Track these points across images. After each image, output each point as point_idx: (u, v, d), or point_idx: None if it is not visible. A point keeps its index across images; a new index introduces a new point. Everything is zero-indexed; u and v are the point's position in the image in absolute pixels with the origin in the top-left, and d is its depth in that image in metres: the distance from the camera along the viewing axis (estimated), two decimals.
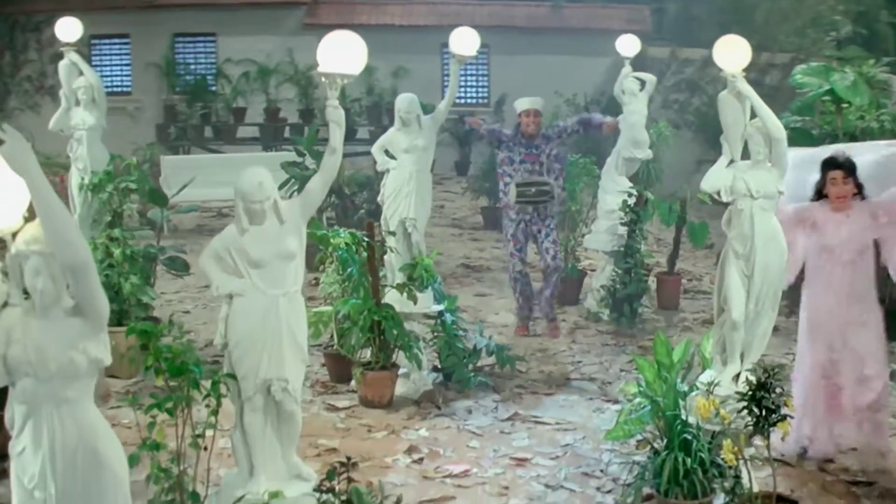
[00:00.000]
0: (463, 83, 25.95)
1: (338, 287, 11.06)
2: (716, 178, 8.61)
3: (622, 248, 13.74)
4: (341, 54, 7.45)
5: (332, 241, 10.70)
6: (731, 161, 8.60)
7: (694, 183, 16.36)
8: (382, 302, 10.67)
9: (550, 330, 13.39)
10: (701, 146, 20.88)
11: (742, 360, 8.52)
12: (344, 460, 6.53)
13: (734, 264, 8.53)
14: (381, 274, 11.00)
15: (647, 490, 8.11)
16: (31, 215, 5.35)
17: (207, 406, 7.02)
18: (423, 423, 10.28)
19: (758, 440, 7.80)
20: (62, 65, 13.62)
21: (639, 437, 8.65)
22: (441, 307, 11.44)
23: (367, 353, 10.77)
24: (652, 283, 14.60)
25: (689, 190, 14.70)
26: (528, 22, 25.58)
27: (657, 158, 15.92)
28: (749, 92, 8.38)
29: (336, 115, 7.27)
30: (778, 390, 7.56)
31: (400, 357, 10.88)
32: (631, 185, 14.18)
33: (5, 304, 5.46)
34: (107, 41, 24.07)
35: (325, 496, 6.59)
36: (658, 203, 14.22)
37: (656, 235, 16.47)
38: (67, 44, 13.76)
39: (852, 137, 13.94)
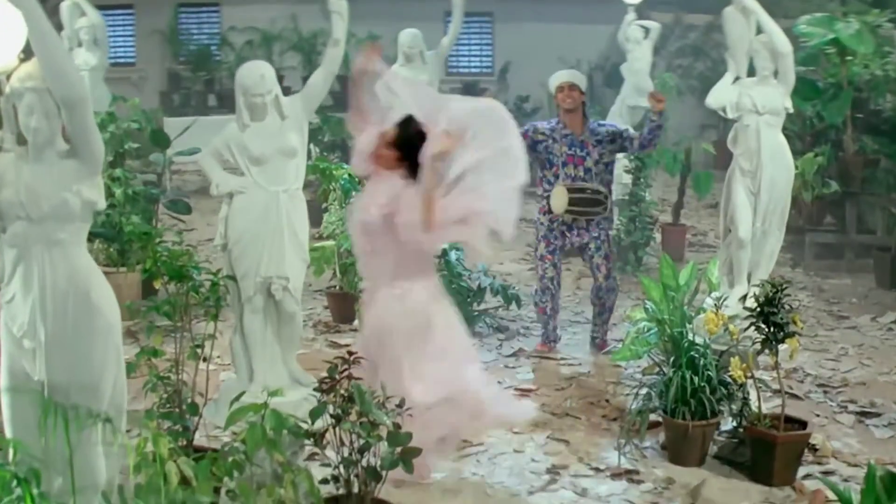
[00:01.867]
0: (466, 52, 25.83)
1: (340, 223, 11.00)
2: (721, 94, 8.60)
3: (626, 197, 13.67)
4: None
5: (334, 173, 10.64)
6: (737, 78, 8.57)
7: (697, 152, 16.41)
8: None
9: (598, 345, 10.57)
10: (705, 111, 20.71)
11: (749, 281, 8.48)
12: (345, 356, 6.45)
13: (740, 182, 8.52)
14: None
15: (652, 418, 8.05)
16: (26, 56, 5.31)
17: (207, 312, 6.95)
18: None
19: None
20: (64, 6, 13.60)
21: (646, 361, 8.58)
22: (444, 245, 11.36)
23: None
24: (657, 234, 14.53)
25: (694, 140, 14.65)
26: None
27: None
28: (754, 6, 8.36)
29: (339, 6, 7.27)
30: (787, 307, 7.51)
31: None
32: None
33: None
34: (110, 12, 24.00)
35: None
36: (663, 151, 14.12)
37: (660, 197, 16.38)
38: None
39: (857, 88, 13.92)
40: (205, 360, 6.89)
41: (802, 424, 7.72)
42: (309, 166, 9.46)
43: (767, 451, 7.40)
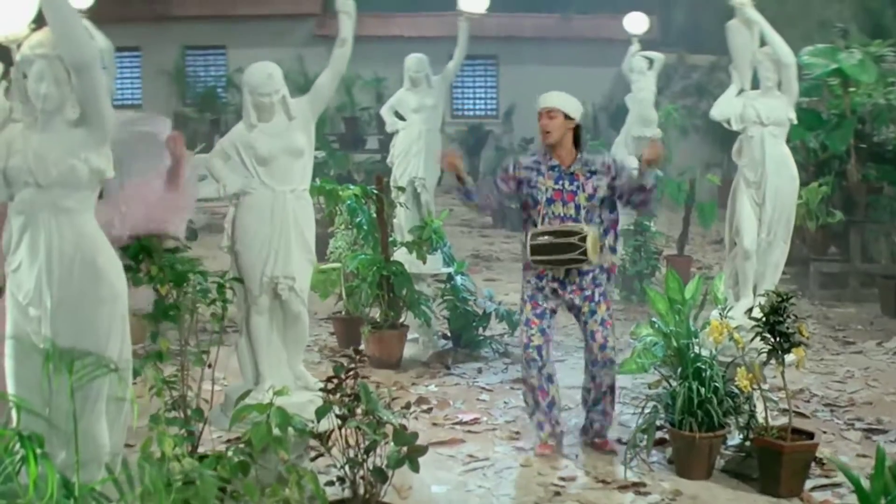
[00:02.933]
0: (471, 94, 26.05)
1: (345, 244, 11.04)
2: (726, 106, 8.62)
3: (632, 227, 13.70)
4: None
5: (341, 194, 10.68)
6: (741, 91, 8.61)
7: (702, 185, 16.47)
8: (391, 259, 10.62)
9: (600, 443, 8.41)
10: (709, 149, 20.91)
11: (754, 294, 8.47)
12: (351, 354, 6.45)
13: (745, 193, 8.53)
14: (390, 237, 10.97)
15: (658, 436, 8.03)
16: (37, 26, 5.36)
17: (213, 315, 6.93)
18: (432, 380, 10.26)
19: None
20: None
21: (651, 377, 8.55)
22: (450, 269, 11.40)
23: (375, 314, 10.73)
24: (662, 265, 14.54)
25: (699, 170, 14.73)
26: (536, 32, 25.67)
27: (665, 139, 15.93)
28: (757, 18, 8.40)
29: (346, 5, 7.30)
30: (793, 316, 7.50)
31: (409, 320, 10.83)
32: (639, 164, 14.16)
33: (7, 120, 5.45)
34: (117, 54, 24.28)
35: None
36: (667, 181, 14.17)
37: (665, 233, 16.39)
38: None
39: (860, 118, 13.99)
40: (209, 366, 6.86)
41: (809, 436, 7.69)
42: (314, 187, 9.50)
43: (774, 461, 7.35)
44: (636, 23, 15.55)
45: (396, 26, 25.86)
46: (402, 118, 11.46)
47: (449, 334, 11.39)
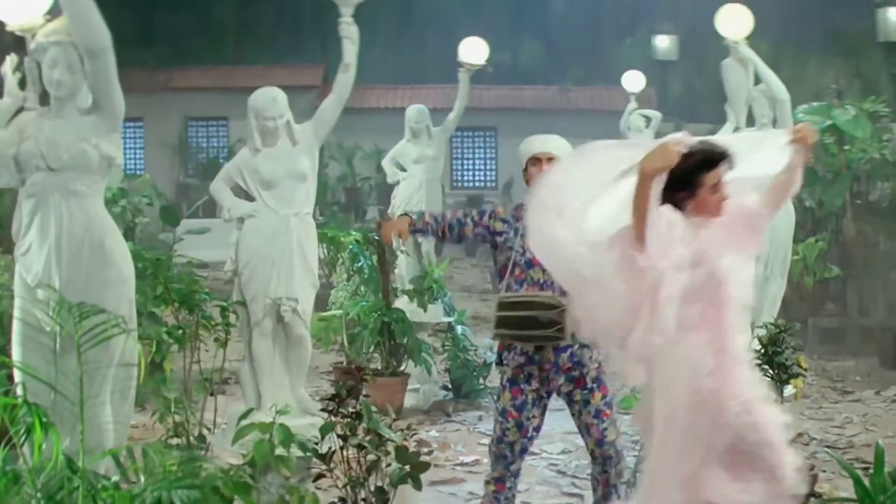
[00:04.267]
0: (471, 166, 26.28)
1: (346, 292, 11.11)
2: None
3: None
4: None
5: (343, 239, 10.78)
6: (737, 128, 8.77)
7: None
8: (393, 306, 10.68)
9: None
10: None
11: (752, 329, 8.55)
12: (353, 372, 6.50)
13: None
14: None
15: None
16: (51, 17, 5.49)
17: (216, 340, 7.02)
18: (433, 426, 10.24)
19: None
20: None
21: None
22: (451, 319, 11.46)
23: (376, 363, 10.77)
24: None
25: None
26: (535, 104, 25.98)
27: None
28: (752, 56, 8.58)
29: (349, 31, 7.41)
30: (791, 348, 7.58)
31: (410, 369, 10.87)
32: None
33: (21, 110, 5.57)
34: None
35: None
36: None
37: None
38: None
39: (856, 175, 14.16)
40: (212, 394, 6.92)
41: (808, 469, 7.71)
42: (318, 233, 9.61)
43: None
44: (633, 81, 15.77)
45: (397, 98, 26.16)
46: (403, 169, 11.60)
47: (450, 386, 11.41)
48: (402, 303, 10.90)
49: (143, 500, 4.15)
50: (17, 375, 5.41)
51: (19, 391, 4.97)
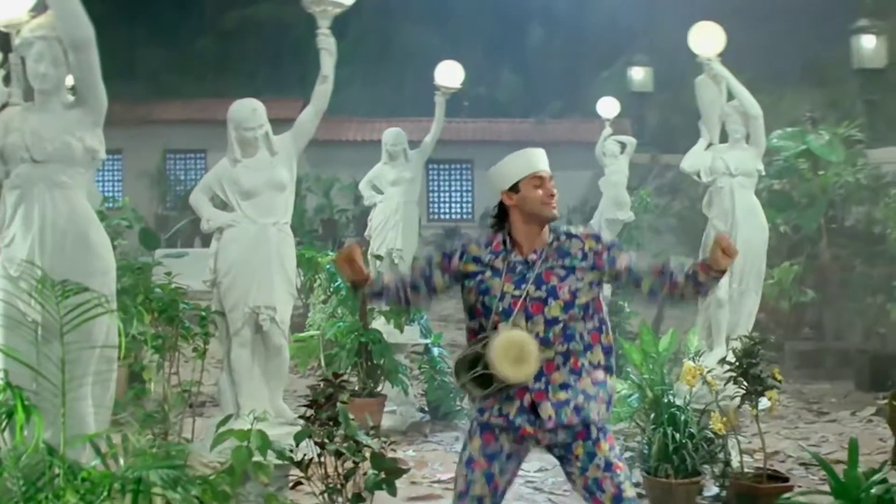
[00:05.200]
0: (447, 198, 26.39)
1: (324, 313, 11.14)
2: (695, 159, 8.87)
3: (606, 308, 13.78)
4: None
5: (320, 260, 10.82)
6: (710, 144, 8.86)
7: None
8: (370, 327, 10.71)
9: None
10: (683, 249, 21.08)
11: (727, 344, 8.62)
12: (331, 379, 6.53)
13: None
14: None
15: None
16: (35, 14, 5.56)
17: (195, 350, 7.04)
18: (410, 447, 10.27)
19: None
20: None
21: (628, 422, 8.63)
22: (427, 341, 11.49)
23: (354, 383, 10.78)
24: None
25: (672, 254, 14.87)
26: (512, 136, 26.08)
27: (638, 223, 16.16)
28: (725, 73, 8.68)
29: (327, 43, 7.43)
30: (766, 360, 7.66)
31: (387, 390, 10.89)
32: None
33: (6, 105, 5.64)
34: None
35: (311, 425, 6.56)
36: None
37: (641, 313, 16.55)
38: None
39: (831, 201, 14.29)
40: (191, 405, 6.95)
41: (784, 480, 7.79)
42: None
43: None
44: (608, 107, 15.91)
45: (375, 131, 26.22)
46: (380, 192, 11.65)
47: (426, 408, 11.43)
48: (379, 324, 10.91)
49: (124, 481, 4.18)
50: (0, 363, 5.44)
51: (1, 378, 5.00)
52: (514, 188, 5.15)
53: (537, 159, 5.29)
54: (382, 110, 26.89)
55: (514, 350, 4.95)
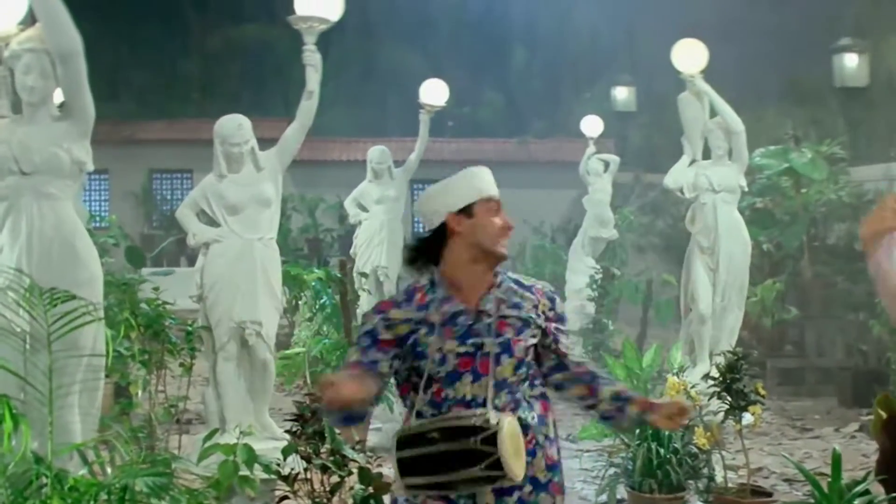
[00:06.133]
0: None
1: (309, 331, 11.15)
2: (678, 175, 8.95)
3: (590, 325, 13.85)
4: None
5: (305, 277, 10.85)
6: (693, 161, 8.93)
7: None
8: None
9: None
10: (666, 266, 21.17)
11: (711, 356, 8.67)
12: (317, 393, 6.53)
13: (699, 259, 8.79)
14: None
15: None
16: (25, 27, 5.60)
17: (182, 365, 7.07)
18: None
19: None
20: None
21: (612, 438, 8.65)
22: None
23: None
24: None
25: (655, 271, 14.99)
26: (497, 156, 26.13)
27: (621, 241, 16.25)
28: (707, 90, 8.77)
29: (313, 59, 7.50)
30: (749, 376, 7.68)
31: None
32: (596, 265, 14.41)
33: None
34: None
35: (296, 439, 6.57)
36: (624, 283, 14.42)
37: (624, 332, 16.60)
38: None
39: (813, 218, 14.37)
40: (178, 421, 6.96)
41: (768, 495, 7.82)
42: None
43: None
44: (592, 126, 16.01)
45: (359, 151, 26.15)
46: (365, 209, 11.71)
47: None
48: None
49: (111, 489, 4.20)
50: None
51: None
52: (467, 211, 4.16)
53: (492, 181, 4.29)
54: (366, 130, 26.94)
55: (515, 441, 4.04)
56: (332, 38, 8.13)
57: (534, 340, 4.22)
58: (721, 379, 7.65)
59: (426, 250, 4.20)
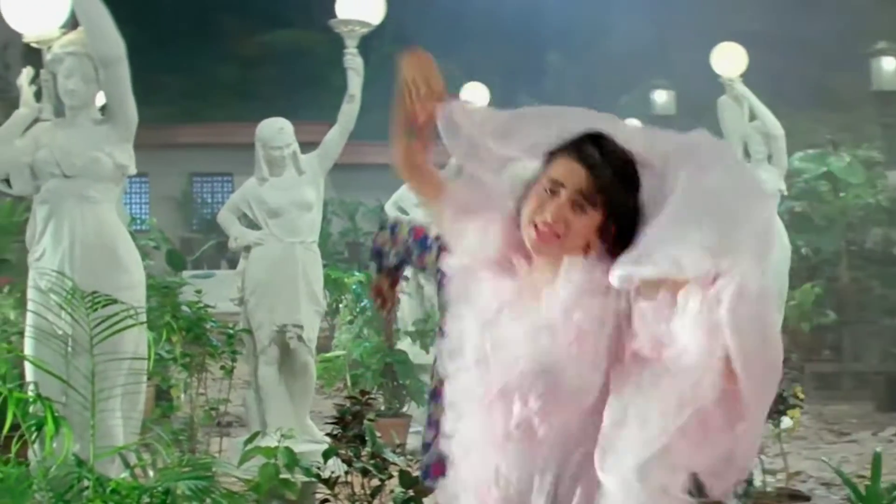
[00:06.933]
0: None
1: (350, 334, 11.18)
2: None
3: None
4: (360, 2, 7.71)
5: (346, 280, 10.88)
6: None
7: None
8: (395, 347, 10.76)
9: None
10: None
11: None
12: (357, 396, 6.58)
13: None
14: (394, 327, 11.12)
15: None
16: (66, 30, 5.65)
17: (222, 368, 7.11)
18: None
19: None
20: None
21: None
22: None
23: (379, 404, 10.82)
24: None
25: None
26: None
27: None
28: (747, 93, 8.75)
29: (354, 63, 7.54)
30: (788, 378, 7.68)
31: (412, 410, 10.92)
32: None
33: (37, 121, 5.73)
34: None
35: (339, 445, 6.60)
36: None
37: None
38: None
39: (850, 223, 14.32)
40: (219, 424, 7.01)
41: (806, 499, 7.81)
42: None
43: None
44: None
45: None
46: (405, 213, 11.71)
47: None
48: (404, 344, 10.96)
49: (152, 492, 4.23)
50: (29, 376, 5.51)
51: (31, 390, 5.07)
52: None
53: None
54: None
55: None
56: (370, 44, 8.17)
57: None
58: None
59: None
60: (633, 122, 3.73)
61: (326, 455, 6.37)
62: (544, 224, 2.96)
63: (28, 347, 5.70)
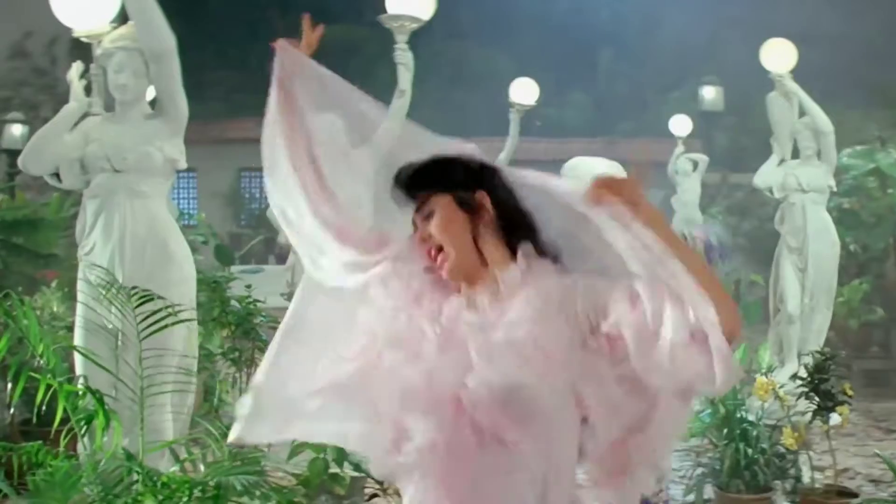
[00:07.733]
0: None
1: None
2: (767, 175, 8.89)
3: None
4: None
5: None
6: (782, 161, 8.87)
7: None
8: None
9: None
10: (753, 267, 20.98)
11: (799, 359, 8.60)
12: None
13: (788, 259, 8.73)
14: None
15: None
16: (117, 25, 5.68)
17: None
18: None
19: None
20: None
21: (700, 439, 8.64)
22: None
23: None
24: None
25: (742, 272, 14.86)
26: (585, 155, 25.99)
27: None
28: (796, 90, 8.71)
29: (404, 58, 7.49)
30: (837, 376, 7.64)
31: None
32: None
33: (87, 115, 5.76)
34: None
35: None
36: None
37: None
38: None
39: None
40: None
41: (854, 496, 7.77)
42: None
43: None
44: (680, 125, 15.93)
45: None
46: None
47: None
48: None
49: (204, 486, 4.24)
50: (79, 369, 5.54)
51: (81, 383, 5.09)
52: None
53: None
54: (453, 131, 27.00)
55: None
56: (420, 40, 8.17)
57: None
58: (809, 379, 7.62)
59: None
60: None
61: None
62: (430, 253, 2.91)
63: (78, 339, 5.73)
